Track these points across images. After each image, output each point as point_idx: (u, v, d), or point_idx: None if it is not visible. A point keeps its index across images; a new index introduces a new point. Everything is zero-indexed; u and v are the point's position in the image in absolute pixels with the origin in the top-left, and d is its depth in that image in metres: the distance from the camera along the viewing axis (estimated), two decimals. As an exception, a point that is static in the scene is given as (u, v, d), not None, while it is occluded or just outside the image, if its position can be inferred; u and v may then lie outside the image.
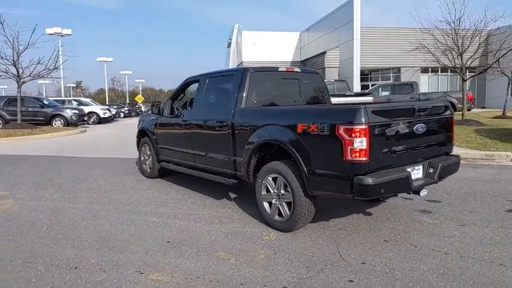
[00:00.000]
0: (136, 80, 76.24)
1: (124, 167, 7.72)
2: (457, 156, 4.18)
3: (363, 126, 3.12)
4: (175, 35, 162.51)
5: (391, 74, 31.47)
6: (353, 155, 3.14)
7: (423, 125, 3.60)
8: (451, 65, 13.52)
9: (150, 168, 6.56)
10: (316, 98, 5.18)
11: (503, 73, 16.17)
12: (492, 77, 16.04)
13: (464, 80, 13.65)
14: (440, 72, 30.08)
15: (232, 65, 38.36)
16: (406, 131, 3.50)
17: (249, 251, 3.46)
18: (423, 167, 3.76)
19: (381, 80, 30.88)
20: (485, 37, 12.83)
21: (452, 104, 15.51)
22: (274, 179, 3.94)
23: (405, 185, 3.43)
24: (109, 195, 5.55)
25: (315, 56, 30.85)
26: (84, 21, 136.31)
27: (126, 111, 35.05)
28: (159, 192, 5.66)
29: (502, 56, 12.65)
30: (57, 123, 18.26)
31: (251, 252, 3.44)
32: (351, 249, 3.44)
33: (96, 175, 6.98)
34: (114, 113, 26.43)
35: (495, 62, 13.01)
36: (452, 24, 13.45)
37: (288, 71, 4.97)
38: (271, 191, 3.99)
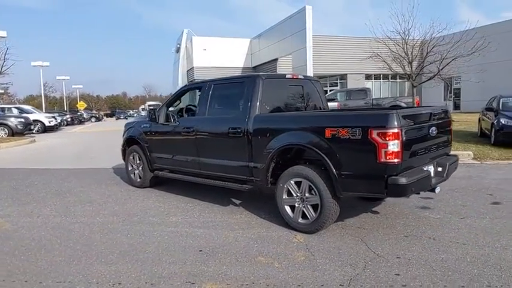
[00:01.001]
0: (74, 86, 71.19)
1: (103, 177, 7.35)
2: (456, 156, 4.62)
3: (396, 130, 3.36)
4: (114, 39, 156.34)
5: (338, 81, 33.08)
6: (387, 157, 3.37)
7: (435, 128, 3.95)
8: (403, 72, 14.66)
9: (140, 178, 6.32)
10: (318, 103, 5.40)
11: (443, 80, 17.80)
12: (438, 84, 17.58)
13: (414, 86, 14.85)
14: (383, 79, 32.28)
15: (181, 70, 37.70)
16: (425, 133, 3.82)
17: (286, 254, 3.53)
18: (433, 167, 4.10)
19: (329, 86, 32.34)
20: (432, 47, 14.11)
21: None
22: (298, 183, 4.05)
23: (427, 183, 3.74)
24: (106, 207, 5.28)
25: (266, 63, 31.45)
26: (13, 24, 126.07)
27: (69, 119, 33.05)
28: (158, 202, 5.48)
29: (447, 64, 14.00)
30: (1, 132, 16.70)
31: (289, 255, 3.52)
32: (380, 246, 3.66)
33: (78, 187, 6.57)
34: (59, 121, 24.77)
35: (442, 69, 14.32)
36: (402, 35, 14.61)
37: (293, 78, 5.14)
38: (294, 195, 4.09)
